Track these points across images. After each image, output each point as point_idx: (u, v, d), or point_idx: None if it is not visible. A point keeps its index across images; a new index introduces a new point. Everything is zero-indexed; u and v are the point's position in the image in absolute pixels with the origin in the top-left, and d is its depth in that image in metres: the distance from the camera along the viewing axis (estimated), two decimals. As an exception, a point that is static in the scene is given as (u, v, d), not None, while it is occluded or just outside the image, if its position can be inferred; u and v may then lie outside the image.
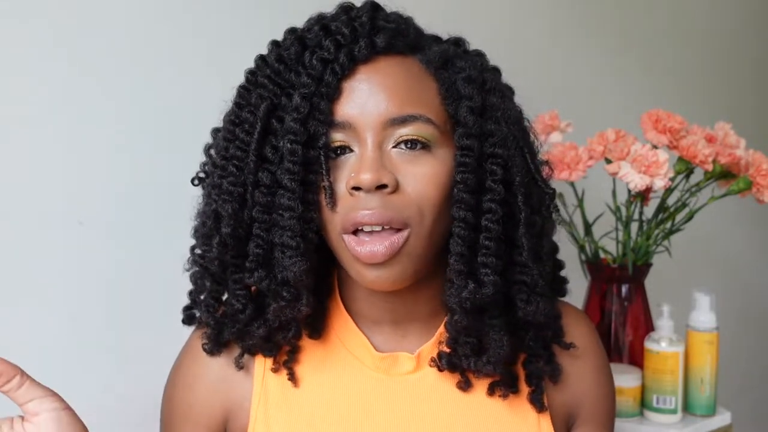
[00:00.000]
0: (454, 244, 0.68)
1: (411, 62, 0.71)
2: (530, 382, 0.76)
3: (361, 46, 0.68)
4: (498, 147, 0.70)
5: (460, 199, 0.68)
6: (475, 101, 0.70)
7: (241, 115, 0.70)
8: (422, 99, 0.69)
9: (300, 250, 0.67)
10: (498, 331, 0.72)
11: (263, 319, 0.72)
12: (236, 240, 0.69)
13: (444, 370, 0.74)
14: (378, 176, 0.65)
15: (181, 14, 1.07)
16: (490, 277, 0.68)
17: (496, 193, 0.69)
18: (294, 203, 0.66)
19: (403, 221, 0.66)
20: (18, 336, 0.98)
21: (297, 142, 0.66)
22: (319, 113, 0.67)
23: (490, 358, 0.72)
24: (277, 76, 0.69)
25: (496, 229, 0.68)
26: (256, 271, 0.68)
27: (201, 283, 0.75)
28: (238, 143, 0.69)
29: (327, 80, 0.67)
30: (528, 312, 0.71)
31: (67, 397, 0.70)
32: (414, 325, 0.76)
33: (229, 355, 0.76)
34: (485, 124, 0.70)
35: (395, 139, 0.67)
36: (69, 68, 0.99)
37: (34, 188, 0.98)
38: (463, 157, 0.68)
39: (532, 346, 0.76)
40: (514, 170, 0.70)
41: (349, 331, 0.76)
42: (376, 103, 0.67)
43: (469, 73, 0.71)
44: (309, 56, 0.68)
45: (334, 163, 0.68)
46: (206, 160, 0.77)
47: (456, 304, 0.69)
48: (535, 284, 0.71)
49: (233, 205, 0.68)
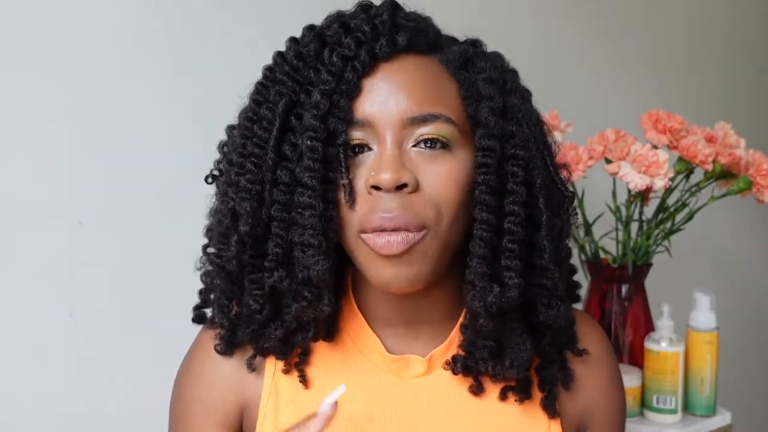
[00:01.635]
0: (475, 246, 0.67)
1: (431, 62, 0.70)
2: (543, 388, 0.75)
3: (382, 44, 0.67)
4: (519, 149, 0.69)
5: (482, 201, 0.67)
6: (497, 102, 0.69)
7: (259, 111, 0.69)
8: (442, 98, 0.68)
9: (322, 248, 0.66)
10: (520, 334, 0.71)
11: (280, 320, 0.71)
12: (254, 239, 0.68)
13: (458, 374, 0.74)
14: (398, 176, 0.64)
15: (185, 13, 1.07)
16: (515, 280, 0.67)
17: (518, 195, 0.68)
18: (315, 201, 0.65)
19: (420, 224, 0.66)
20: (18, 336, 0.98)
21: (317, 139, 0.65)
22: (339, 110, 0.66)
23: (513, 362, 0.71)
24: (296, 72, 0.69)
25: (519, 232, 0.68)
26: (276, 271, 0.67)
27: (214, 283, 0.74)
28: (256, 140, 0.68)
29: (347, 77, 0.66)
30: (549, 316, 0.70)
31: (67, 397, 0.70)
32: (426, 327, 0.75)
33: (240, 355, 0.75)
34: (506, 126, 0.69)
35: (415, 138, 0.67)
36: (69, 68, 0.99)
37: (34, 188, 0.98)
38: (484, 158, 0.67)
39: (547, 351, 0.75)
40: (535, 172, 0.70)
41: (362, 332, 0.76)
42: (397, 101, 0.66)
43: (489, 73, 0.70)
44: (329, 53, 0.67)
45: (353, 161, 0.67)
46: (220, 157, 0.76)
47: (481, 308, 0.68)
48: (555, 288, 0.70)
49: (251, 203, 0.67)
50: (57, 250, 1.00)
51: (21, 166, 0.97)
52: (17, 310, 0.98)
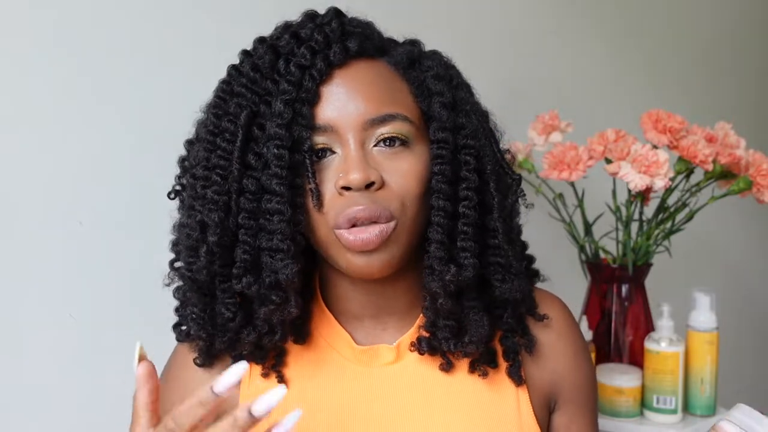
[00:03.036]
0: (433, 233, 0.71)
1: (381, 64, 0.74)
2: (507, 357, 0.79)
3: (335, 51, 0.70)
4: (470, 138, 0.74)
5: (438, 189, 0.71)
6: (446, 96, 0.73)
7: (220, 124, 0.71)
8: (397, 98, 0.72)
9: (291, 252, 0.68)
10: (477, 312, 0.75)
11: (252, 325, 0.73)
12: (222, 248, 0.70)
13: (424, 353, 0.76)
14: (366, 174, 0.68)
15: (183, 15, 1.07)
16: (470, 260, 0.72)
17: (471, 182, 0.72)
18: (283, 207, 0.68)
19: (389, 215, 0.69)
20: (18, 336, 0.98)
21: (283, 147, 0.68)
22: (302, 118, 0.69)
23: (472, 338, 0.74)
24: (254, 84, 0.71)
25: (472, 215, 0.72)
26: (244, 277, 0.69)
27: (187, 297, 0.76)
28: (221, 152, 0.70)
29: (306, 86, 0.69)
30: (504, 290, 0.75)
31: (67, 397, 0.70)
32: (393, 318, 0.79)
33: (217, 367, 0.77)
34: (457, 118, 0.74)
35: (376, 138, 0.70)
36: (69, 68, 0.99)
37: (34, 188, 0.98)
38: (439, 149, 0.72)
39: (509, 323, 0.78)
40: (485, 159, 0.74)
41: (332, 329, 0.79)
42: (356, 105, 0.70)
43: (436, 71, 0.75)
44: (284, 64, 0.70)
45: (318, 165, 0.70)
46: (181, 172, 0.79)
47: (440, 287, 0.71)
48: (509, 264, 0.75)
49: (219, 214, 0.69)
50: (57, 250, 1.00)
51: (21, 166, 0.97)
52: (17, 310, 0.98)
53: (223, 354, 0.77)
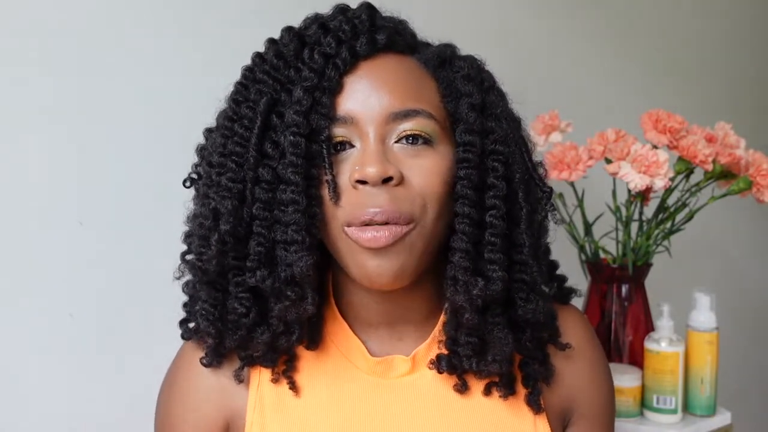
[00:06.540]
0: (458, 241, 0.68)
1: (410, 61, 0.72)
2: (527, 384, 0.76)
3: (362, 42, 0.68)
4: (499, 144, 0.70)
5: (464, 195, 0.68)
6: (475, 98, 0.70)
7: (239, 111, 0.70)
8: (423, 95, 0.69)
9: (305, 244, 0.65)
10: (501, 329, 0.71)
11: (266, 324, 0.71)
12: (235, 239, 0.68)
13: (443, 372, 0.74)
14: (384, 169, 0.65)
15: (194, 14, 1.07)
16: (498, 273, 0.68)
17: (498, 189, 0.69)
18: (298, 197, 0.65)
19: (409, 217, 0.66)
20: (18, 336, 0.98)
21: (300, 135, 0.66)
22: (321, 107, 0.67)
23: (495, 357, 0.71)
24: (276, 71, 0.69)
25: (500, 225, 0.68)
26: (258, 270, 0.67)
27: (196, 292, 0.74)
28: (237, 139, 0.68)
29: (329, 75, 0.67)
30: (528, 310, 0.71)
31: (67, 397, 0.70)
32: (409, 328, 0.76)
33: (226, 368, 0.75)
34: (486, 122, 0.71)
35: (397, 133, 0.68)
36: (69, 68, 0.99)
37: (35, 188, 0.98)
38: (465, 152, 0.68)
39: (528, 347, 0.75)
40: (514, 167, 0.71)
41: (344, 337, 0.76)
42: (379, 97, 0.67)
43: (467, 71, 0.72)
44: (309, 52, 0.68)
45: (336, 158, 0.68)
46: (198, 161, 0.77)
47: (466, 302, 0.68)
48: (534, 282, 0.71)
49: (233, 202, 0.67)
50: (57, 250, 1.00)
51: (21, 166, 0.97)
52: (17, 310, 0.98)
53: (232, 354, 0.74)
